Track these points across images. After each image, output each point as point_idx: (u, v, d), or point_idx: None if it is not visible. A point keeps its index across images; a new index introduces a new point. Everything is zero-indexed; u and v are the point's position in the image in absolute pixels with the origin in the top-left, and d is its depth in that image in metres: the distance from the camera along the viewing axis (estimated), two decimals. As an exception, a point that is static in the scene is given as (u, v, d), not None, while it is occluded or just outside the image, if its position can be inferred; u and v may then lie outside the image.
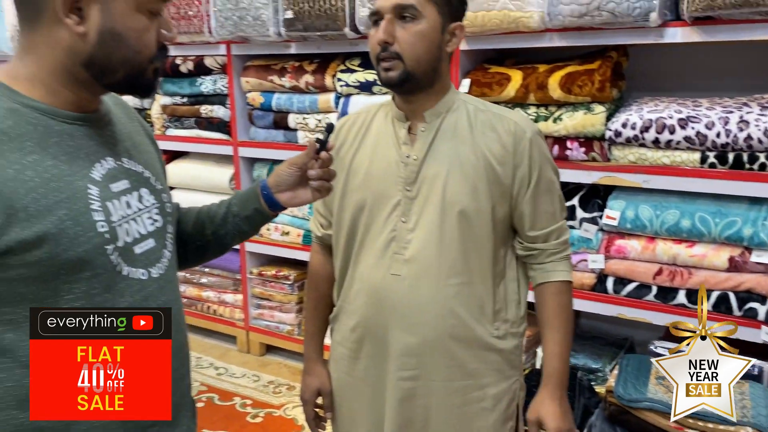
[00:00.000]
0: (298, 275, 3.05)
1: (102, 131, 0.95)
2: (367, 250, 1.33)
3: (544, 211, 1.32)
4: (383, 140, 1.32)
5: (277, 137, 2.89)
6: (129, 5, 0.86)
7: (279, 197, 1.15)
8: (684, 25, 1.93)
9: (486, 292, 1.31)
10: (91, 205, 0.88)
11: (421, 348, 1.29)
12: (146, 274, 0.95)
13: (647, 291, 2.13)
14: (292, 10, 2.50)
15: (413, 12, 1.21)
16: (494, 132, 1.28)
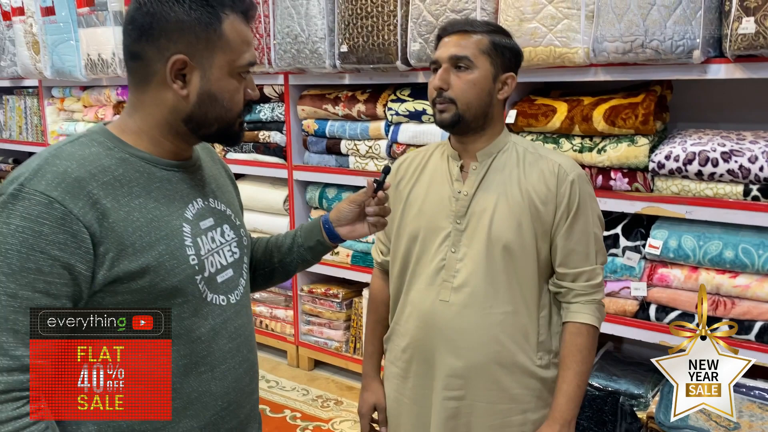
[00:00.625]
0: (346, 294, 3.18)
1: (194, 176, 1.10)
2: (419, 276, 1.44)
3: (576, 251, 1.38)
4: (438, 176, 1.45)
5: (329, 162, 3.03)
6: (223, 71, 1.00)
7: (339, 230, 1.30)
8: (727, 62, 1.98)
9: (530, 322, 1.39)
10: (185, 241, 1.02)
11: (466, 371, 1.39)
12: (225, 300, 1.09)
13: (690, 319, 2.17)
14: (348, 44, 2.65)
15: (467, 62, 1.36)
16: (540, 173, 1.38)
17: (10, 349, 0.88)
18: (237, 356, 1.10)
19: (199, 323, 1.04)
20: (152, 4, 0.97)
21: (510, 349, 1.38)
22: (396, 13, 2.52)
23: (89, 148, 0.98)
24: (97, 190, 0.94)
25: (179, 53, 0.97)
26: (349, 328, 3.20)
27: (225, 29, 0.98)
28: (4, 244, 0.88)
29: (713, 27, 1.99)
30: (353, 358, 3.16)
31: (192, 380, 1.03)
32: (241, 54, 1.01)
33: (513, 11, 2.25)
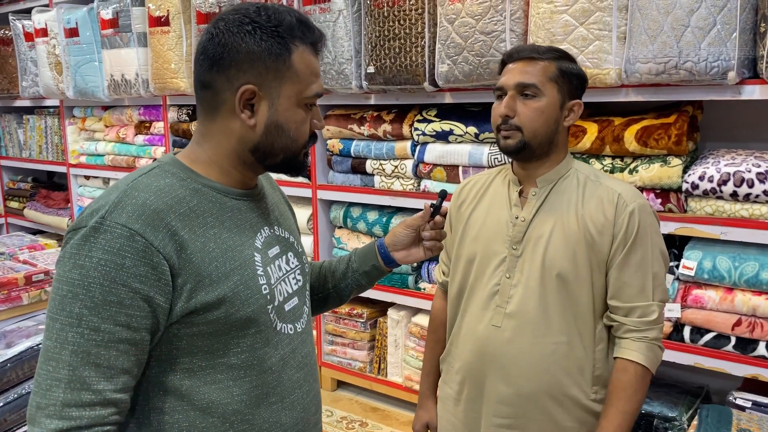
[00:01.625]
0: (371, 313, 3.16)
1: (259, 204, 1.10)
2: (474, 299, 1.45)
3: (630, 284, 1.34)
4: (498, 201, 1.45)
5: (354, 181, 3.03)
6: (291, 102, 1.01)
7: (395, 255, 1.29)
8: (762, 83, 1.98)
9: (585, 354, 1.37)
10: (257, 271, 1.02)
11: (516, 399, 1.38)
12: (293, 329, 1.09)
13: (726, 341, 2.15)
14: (374, 66, 2.66)
15: (534, 90, 1.35)
16: (599, 201, 1.36)
17: (93, 384, 0.88)
18: (304, 386, 1.10)
19: (270, 353, 1.04)
20: (224, 35, 0.98)
21: (562, 381, 1.36)
22: (424, 34, 2.54)
23: (164, 180, 0.98)
24: (174, 222, 0.94)
25: (248, 83, 0.98)
26: (373, 348, 3.18)
27: (294, 60, 0.99)
28: (87, 278, 0.88)
29: (748, 48, 1.99)
30: (377, 378, 3.13)
31: (263, 411, 1.03)
32: (309, 85, 1.01)
33: (543, 33, 2.26)
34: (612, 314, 1.37)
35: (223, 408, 0.99)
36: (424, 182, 2.80)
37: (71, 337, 0.88)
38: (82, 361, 0.87)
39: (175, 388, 0.97)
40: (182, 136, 3.64)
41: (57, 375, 0.87)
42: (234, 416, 1.00)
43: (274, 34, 0.98)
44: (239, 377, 1.00)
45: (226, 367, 0.99)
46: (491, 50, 2.36)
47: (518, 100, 1.36)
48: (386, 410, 3.11)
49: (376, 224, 2.98)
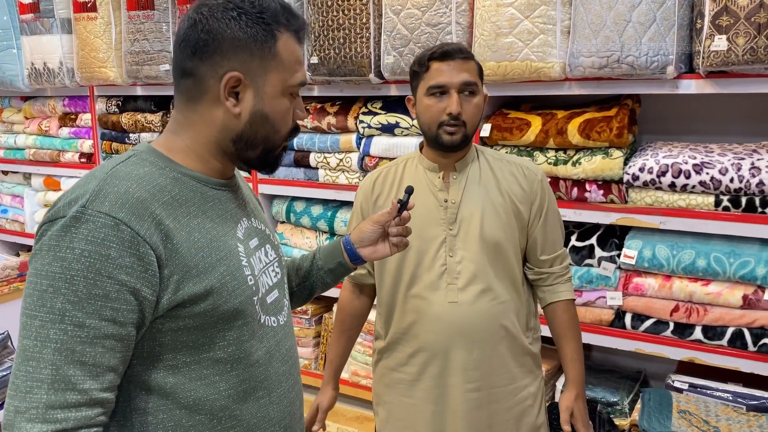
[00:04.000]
0: (315, 309, 3.11)
1: (236, 195, 1.06)
2: (418, 284, 1.53)
3: (552, 239, 1.62)
4: (419, 188, 1.53)
5: (297, 175, 2.97)
6: (277, 90, 0.98)
7: (361, 251, 1.27)
8: (698, 77, 2.06)
9: (520, 307, 1.60)
10: (242, 261, 0.99)
11: (482, 361, 1.52)
12: (276, 321, 1.06)
13: (665, 327, 2.23)
14: (318, 56, 2.60)
15: (474, 88, 1.50)
16: (512, 176, 1.57)
17: (78, 383, 0.82)
18: (289, 379, 1.08)
19: (256, 346, 1.01)
20: (208, 21, 0.94)
21: (513, 333, 1.57)
22: (369, 25, 2.50)
23: (143, 168, 0.93)
24: (159, 211, 0.89)
25: (234, 70, 0.94)
26: (318, 344, 3.13)
27: (279, 47, 0.97)
28: (69, 270, 0.82)
29: (685, 44, 2.06)
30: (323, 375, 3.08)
31: (251, 405, 1.00)
32: (294, 73, 0.99)
33: (489, 26, 2.27)
34: (539, 268, 1.63)
35: (210, 404, 0.95)
36: (370, 175, 2.77)
37: (53, 334, 0.82)
38: (67, 359, 0.82)
39: (159, 386, 0.93)
40: (112, 128, 3.45)
41: (38, 375, 0.81)
42: (221, 412, 0.96)
43: (260, 20, 0.95)
44: (226, 371, 0.97)
45: (212, 362, 0.95)
46: (437, 42, 2.35)
47: (459, 96, 1.48)
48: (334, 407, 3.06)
49: (320, 219, 2.93)
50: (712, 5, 1.94)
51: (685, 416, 2.00)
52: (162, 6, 3.03)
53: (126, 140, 3.39)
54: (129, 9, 3.10)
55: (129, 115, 3.35)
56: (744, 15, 1.90)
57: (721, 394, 2.17)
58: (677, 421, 1.97)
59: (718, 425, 1.96)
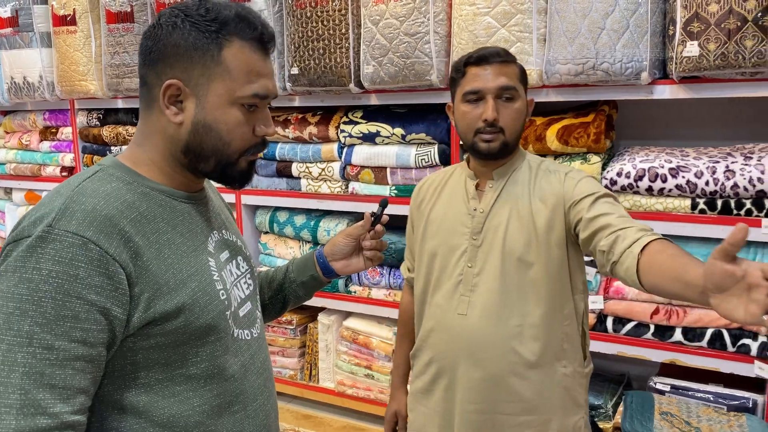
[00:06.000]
0: (300, 319, 3.10)
1: (206, 208, 1.05)
2: (439, 291, 1.48)
3: (610, 213, 1.29)
4: (456, 196, 1.50)
5: (280, 185, 2.97)
6: (221, 100, 0.95)
7: (334, 265, 1.27)
8: (672, 83, 2.09)
9: (548, 332, 1.40)
10: (212, 276, 0.98)
11: (485, 383, 1.41)
12: (249, 334, 1.05)
13: (645, 329, 2.25)
14: (298, 67, 2.62)
15: (513, 93, 1.41)
16: (549, 184, 1.42)
17: (49, 407, 0.80)
18: (264, 392, 1.07)
19: (231, 360, 0.99)
20: (155, 29, 0.94)
21: (528, 359, 1.39)
22: (348, 36, 2.52)
23: (110, 183, 0.92)
24: (128, 228, 0.88)
25: (174, 78, 0.93)
26: (303, 354, 3.12)
27: (225, 56, 0.94)
28: (37, 292, 0.80)
29: (658, 50, 2.10)
30: (309, 385, 3.08)
31: (226, 420, 0.99)
32: (245, 84, 0.96)
33: (467, 35, 2.29)
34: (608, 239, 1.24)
35: (185, 421, 0.94)
36: (353, 184, 2.78)
37: (21, 357, 0.80)
38: (36, 383, 0.80)
39: (132, 405, 0.91)
40: (93, 141, 3.44)
41: (6, 401, 0.79)
42: (196, 428, 0.95)
43: (205, 28, 0.93)
44: (199, 387, 0.96)
45: (185, 378, 0.94)
46: (416, 51, 2.37)
47: (497, 102, 1.39)
48: (319, 417, 3.06)
49: (303, 228, 2.93)
50: (683, 12, 1.98)
51: (667, 418, 2.02)
52: (141, 18, 3.03)
53: (108, 153, 3.38)
54: (108, 22, 3.10)
55: (110, 128, 3.34)
56: (714, 21, 1.93)
57: (703, 395, 2.19)
58: (659, 423, 1.98)
59: (699, 426, 1.98)
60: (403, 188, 2.67)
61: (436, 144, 2.57)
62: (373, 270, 2.83)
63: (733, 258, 0.87)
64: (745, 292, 0.84)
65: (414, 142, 2.60)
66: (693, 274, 0.97)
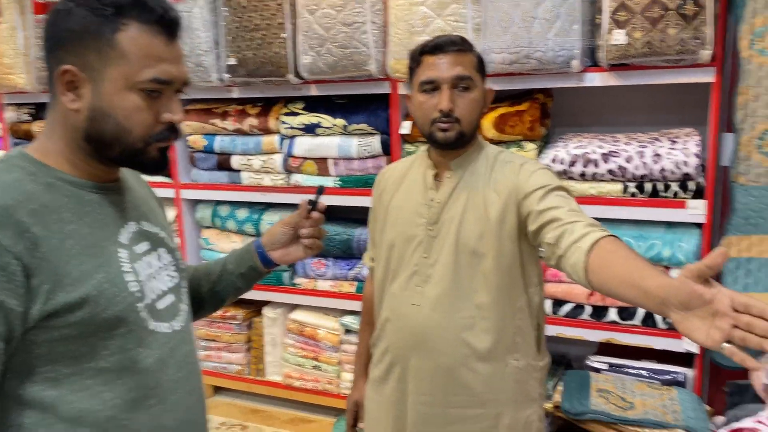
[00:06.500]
0: (245, 314, 3.07)
1: (122, 198, 1.02)
2: (396, 282, 1.47)
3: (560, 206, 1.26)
4: (415, 185, 1.48)
5: (220, 178, 2.92)
6: (118, 86, 0.92)
7: (272, 255, 1.25)
8: (602, 70, 2.16)
9: (500, 325, 1.38)
10: (122, 267, 0.95)
11: (436, 374, 1.41)
12: (170, 327, 1.02)
13: (582, 311, 2.32)
14: (236, 57, 2.58)
15: (469, 82, 1.38)
16: (503, 175, 1.39)
17: None
18: (186, 386, 1.03)
19: (145, 354, 0.96)
20: (53, 14, 0.92)
21: (479, 352, 1.38)
22: (285, 26, 2.49)
23: (10, 174, 0.89)
24: (25, 219, 0.85)
25: (70, 64, 0.91)
26: (250, 349, 3.09)
27: (120, 39, 0.91)
28: None
29: (588, 38, 2.15)
30: (256, 380, 3.06)
31: (142, 415, 0.96)
32: (143, 68, 0.92)
33: (403, 24, 2.30)
34: (554, 232, 1.23)
35: (95, 416, 0.91)
36: (295, 176, 2.76)
37: None
38: None
39: (37, 400, 0.89)
40: (24, 137, 3.30)
41: None
42: (108, 423, 0.92)
43: (100, 12, 0.90)
44: (111, 381, 0.93)
45: (95, 372, 0.91)
46: (354, 41, 2.37)
47: (453, 92, 1.36)
48: (267, 411, 3.04)
49: (246, 222, 2.90)
50: (610, 1, 2.04)
51: (603, 395, 2.09)
52: (71, 9, 2.93)
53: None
54: (36, 12, 2.98)
55: (42, 123, 3.21)
56: (639, 10, 2.00)
57: (637, 372, 2.28)
58: (596, 400, 2.05)
59: (634, 401, 2.06)
60: (346, 179, 2.66)
61: (378, 134, 2.58)
62: (318, 262, 2.83)
63: (705, 280, 0.85)
64: (710, 317, 0.83)
65: (355, 132, 2.60)
66: (654, 284, 0.94)
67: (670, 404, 2.04)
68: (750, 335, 0.79)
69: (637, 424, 1.95)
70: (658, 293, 0.92)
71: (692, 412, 1.98)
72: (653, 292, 0.94)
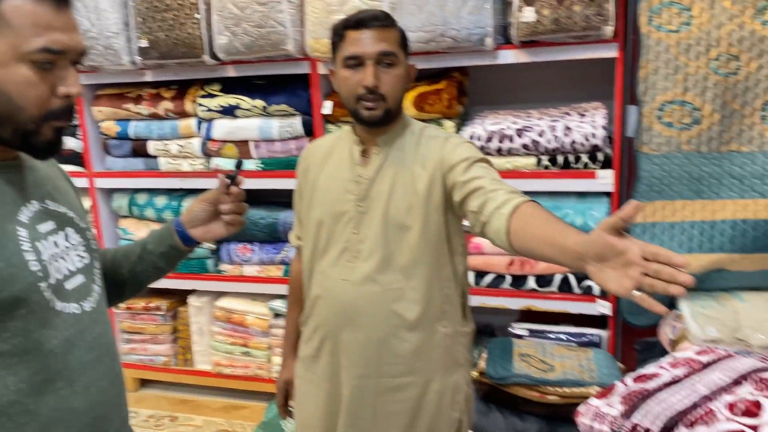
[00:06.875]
0: (170, 304, 3.00)
1: (24, 176, 0.97)
2: (325, 259, 1.47)
3: (483, 176, 1.31)
4: (342, 162, 1.47)
5: (137, 165, 2.83)
6: (6, 58, 0.87)
7: (192, 233, 1.23)
8: (514, 48, 2.23)
9: (429, 295, 1.42)
10: (21, 246, 0.91)
11: (368, 346, 1.43)
12: (79, 308, 0.99)
13: (502, 280, 2.41)
14: (147, 39, 2.49)
15: (393, 59, 1.36)
16: (428, 150, 1.41)
17: None
18: (99, 368, 1.00)
19: (50, 335, 0.93)
20: None
21: (409, 322, 1.42)
22: (198, 5, 2.43)
23: None
24: None
25: None
26: (176, 340, 3.03)
27: (4, 9, 0.86)
28: None
29: (500, 16, 2.22)
30: (184, 370, 3.00)
31: (49, 398, 0.92)
32: (31, 38, 0.87)
33: (320, 3, 2.30)
34: (478, 200, 1.28)
35: None
36: (215, 160, 2.71)
37: None
38: None
39: None
40: None
41: None
42: (11, 408, 0.89)
43: None
44: (13, 364, 0.89)
45: None
46: (270, 21, 2.34)
47: (377, 68, 1.35)
48: (197, 400, 2.99)
49: (166, 209, 2.82)
50: (519, -20, 2.10)
51: (525, 359, 2.19)
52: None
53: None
54: None
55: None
56: (547, -11, 2.08)
57: (556, 336, 2.40)
58: (518, 364, 2.14)
59: (554, 363, 2.17)
60: (268, 162, 2.64)
61: (300, 115, 2.56)
62: (243, 247, 2.79)
63: (619, 232, 0.90)
64: (622, 267, 0.88)
65: (276, 114, 2.58)
66: (570, 240, 1.00)
67: (587, 364, 2.16)
68: (657, 281, 0.85)
69: (557, 384, 2.05)
70: (575, 248, 0.99)
71: (606, 370, 2.10)
72: (570, 248, 1.00)
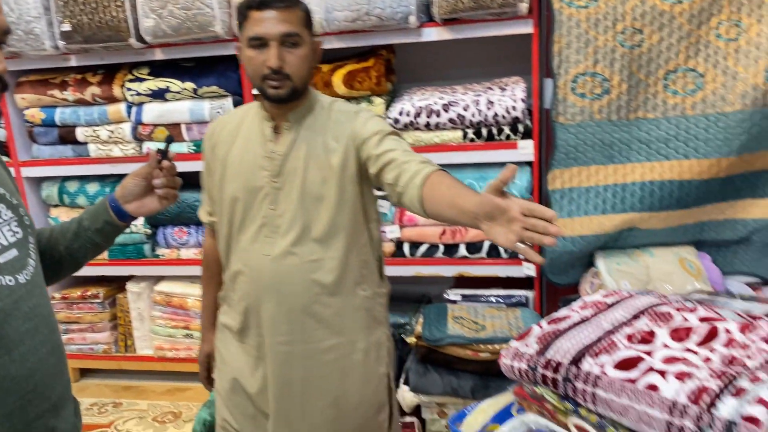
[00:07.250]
0: (107, 292, 2.98)
1: None
2: (243, 234, 1.51)
3: (395, 149, 1.39)
4: (252, 138, 1.49)
5: (65, 153, 2.78)
6: None
7: (127, 207, 1.26)
8: (437, 25, 2.32)
9: (347, 262, 1.50)
10: None
11: (290, 316, 1.49)
12: (13, 280, 1.01)
13: (436, 249, 2.53)
14: (70, 23, 2.45)
15: (297, 39, 1.39)
16: (339, 124, 1.47)
17: None
18: (36, 337, 1.04)
19: None
20: None
21: (330, 289, 1.49)
22: (121, -13, 2.41)
23: None
24: None
25: None
26: (116, 327, 3.02)
27: None
28: None
29: (422, -5, 2.31)
30: (126, 356, 3.00)
31: None
32: None
33: (246, -16, 2.32)
34: (392, 172, 1.36)
35: None
36: (147, 144, 2.70)
37: None
38: None
39: None
40: None
41: None
42: None
43: None
44: None
45: None
46: (196, 2, 2.35)
47: (281, 49, 1.38)
48: (140, 386, 3.00)
49: (98, 196, 2.80)
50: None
51: (458, 321, 2.32)
52: None
53: None
54: None
55: None
56: (465, -32, 2.17)
57: (487, 299, 2.54)
58: (452, 326, 2.27)
59: (485, 323, 2.31)
60: (201, 144, 2.65)
61: (230, 96, 2.59)
62: (179, 230, 2.81)
63: (502, 193, 1.03)
64: (507, 223, 1.01)
65: (207, 95, 2.59)
66: (467, 203, 1.13)
67: (515, 322, 2.31)
68: (533, 233, 0.99)
69: (489, 342, 2.19)
70: (471, 209, 1.12)
71: (533, 326, 2.26)
72: (467, 209, 1.13)
